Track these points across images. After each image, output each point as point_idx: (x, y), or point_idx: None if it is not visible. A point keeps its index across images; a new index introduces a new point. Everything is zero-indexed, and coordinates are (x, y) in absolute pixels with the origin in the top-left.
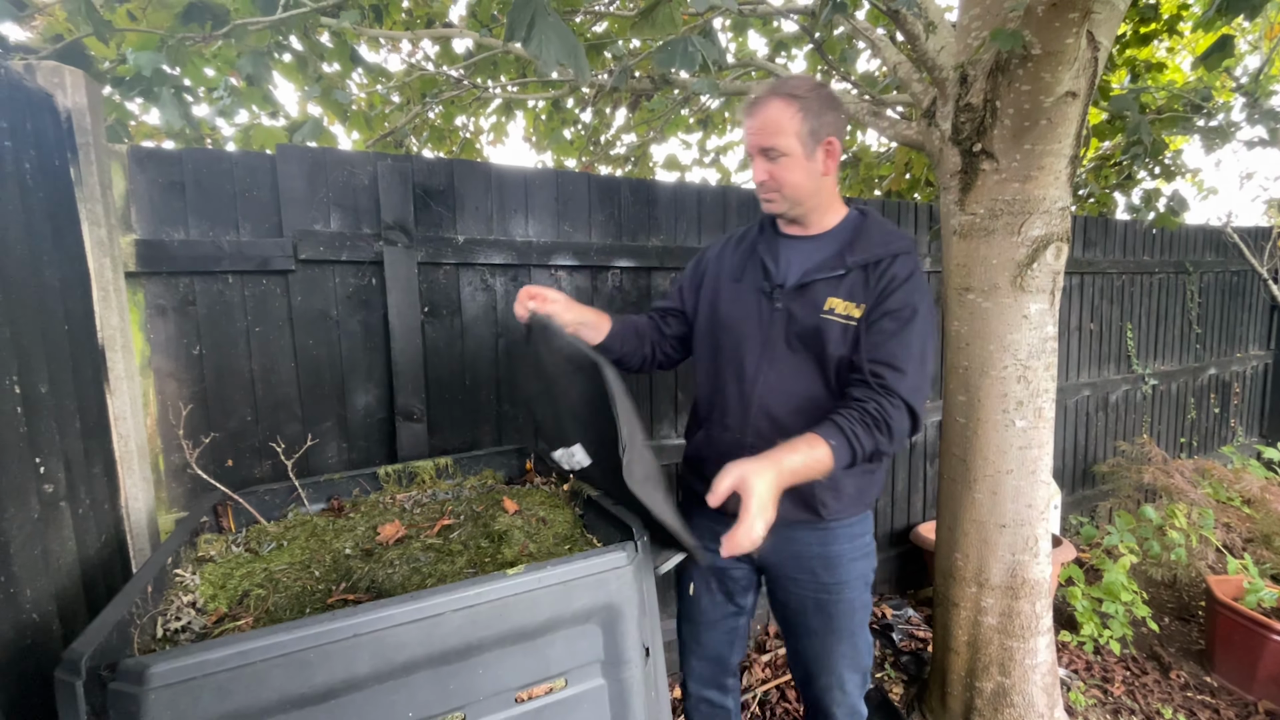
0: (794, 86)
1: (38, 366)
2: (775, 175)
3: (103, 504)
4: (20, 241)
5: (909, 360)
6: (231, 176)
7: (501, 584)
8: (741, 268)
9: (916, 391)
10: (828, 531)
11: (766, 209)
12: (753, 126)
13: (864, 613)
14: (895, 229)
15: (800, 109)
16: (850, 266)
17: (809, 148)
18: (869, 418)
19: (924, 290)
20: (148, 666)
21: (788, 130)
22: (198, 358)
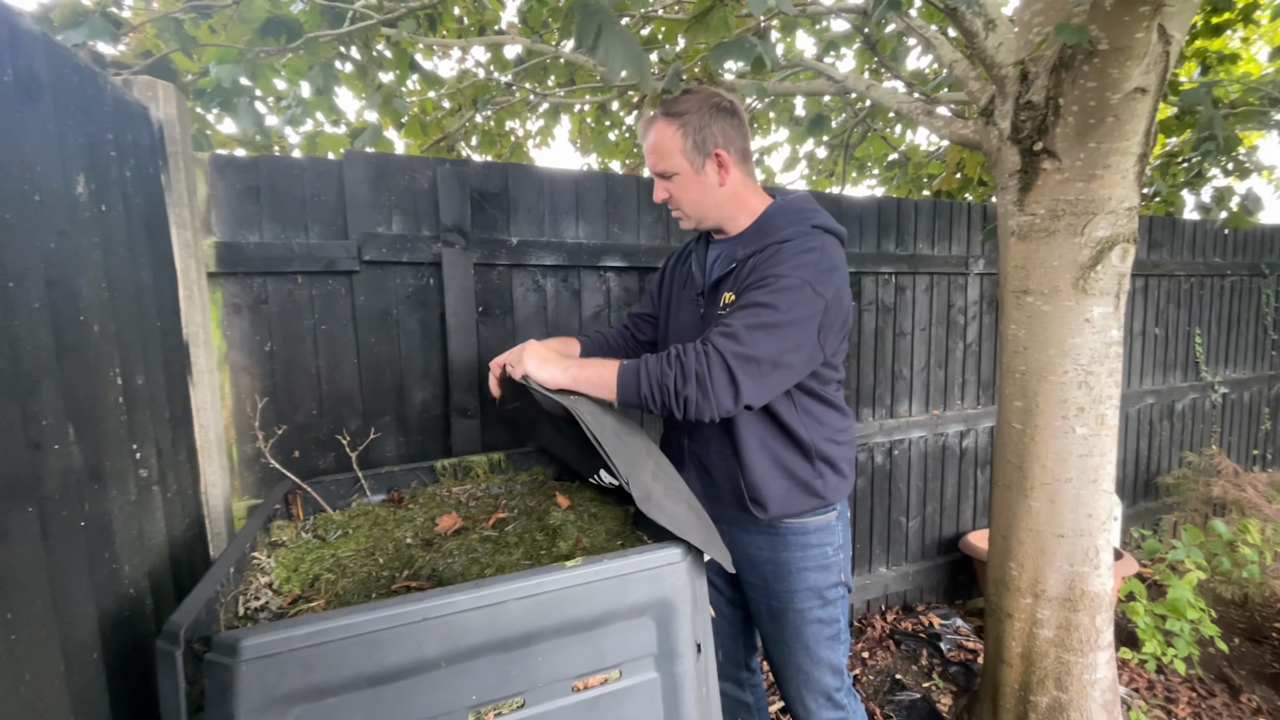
0: (676, 104)
1: (135, 360)
2: (673, 195)
3: (186, 490)
4: (122, 244)
5: (742, 328)
6: (302, 182)
7: (560, 575)
8: (686, 275)
9: (740, 358)
10: (777, 536)
11: (682, 225)
12: (645, 149)
13: (818, 628)
14: (805, 214)
15: (680, 126)
16: (741, 259)
17: (696, 163)
18: (668, 354)
19: (799, 265)
20: (240, 640)
21: (672, 149)
22: (269, 354)
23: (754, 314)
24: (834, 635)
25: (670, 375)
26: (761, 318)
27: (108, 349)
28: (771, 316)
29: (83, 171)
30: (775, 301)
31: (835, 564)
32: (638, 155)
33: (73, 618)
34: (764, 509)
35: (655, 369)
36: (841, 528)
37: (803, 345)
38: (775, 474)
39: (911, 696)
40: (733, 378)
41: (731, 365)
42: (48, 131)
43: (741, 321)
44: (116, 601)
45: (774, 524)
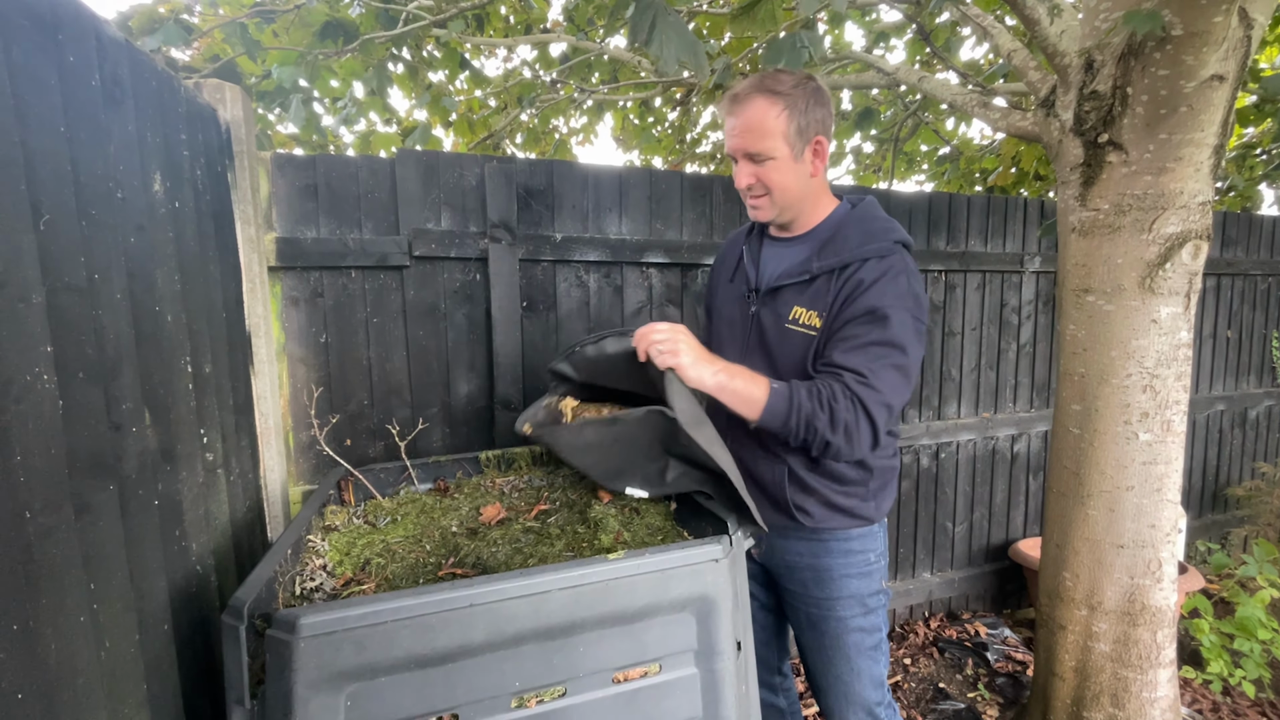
0: (778, 82)
1: (203, 349)
2: (762, 179)
3: (247, 474)
4: (193, 239)
5: (877, 373)
6: (356, 179)
7: (603, 567)
8: (734, 267)
9: (881, 405)
10: (819, 542)
11: (754, 217)
12: (735, 127)
13: (859, 637)
14: (883, 226)
15: (786, 107)
16: (816, 272)
17: (796, 149)
18: (819, 393)
19: (901, 295)
20: (299, 618)
21: (773, 130)
22: (324, 345)
23: (885, 355)
24: (875, 645)
25: (821, 419)
26: (893, 360)
27: (179, 338)
28: (900, 359)
29: (159, 170)
30: (901, 342)
31: (877, 570)
32: (680, 151)
33: (147, 590)
34: (810, 516)
35: (808, 407)
36: (882, 534)
37: (911, 373)
38: (825, 484)
39: (955, 706)
40: (873, 427)
41: (873, 415)
42: (129, 133)
43: (868, 364)
44: (185, 577)
45: (816, 530)
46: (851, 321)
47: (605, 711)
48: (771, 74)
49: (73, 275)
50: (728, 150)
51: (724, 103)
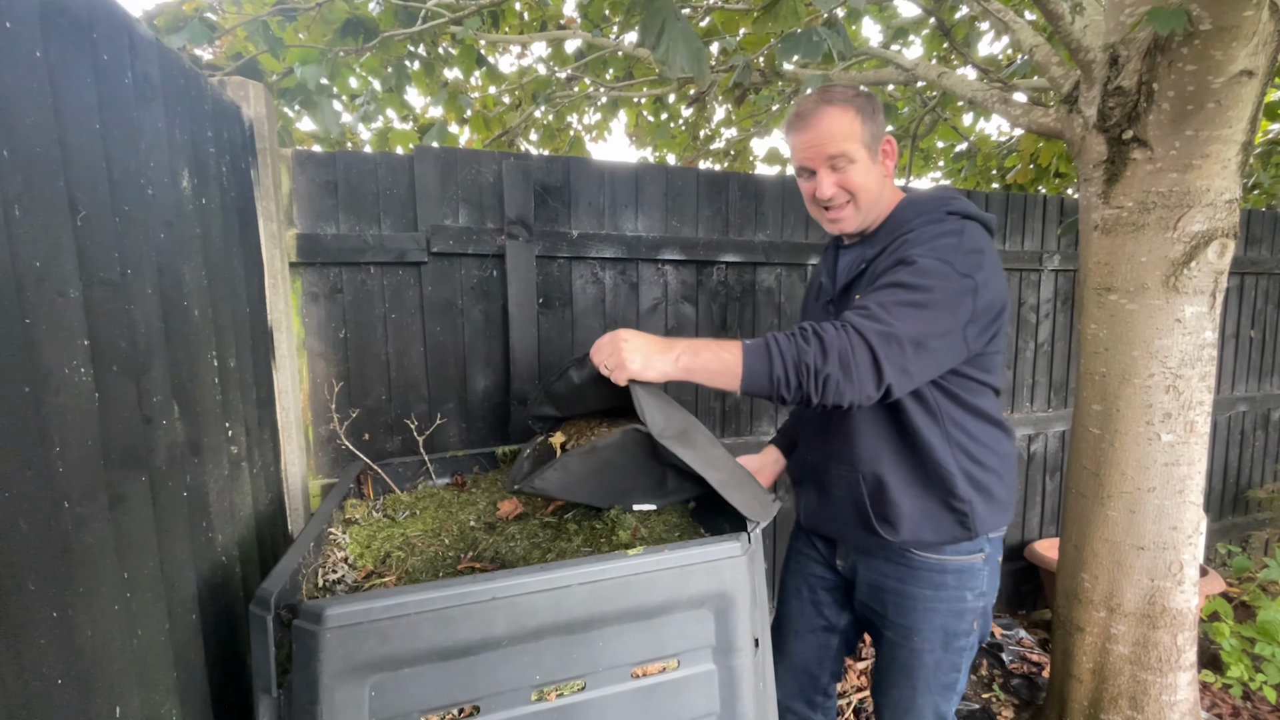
0: (842, 94)
1: (228, 344)
2: (847, 184)
3: (269, 467)
4: (219, 235)
5: (885, 305)
6: (375, 176)
7: (623, 563)
8: (817, 287)
9: (880, 334)
10: (907, 567)
11: (836, 230)
12: (812, 139)
13: (936, 674)
14: (935, 198)
15: (857, 113)
16: (871, 259)
17: (873, 151)
18: (800, 330)
19: (939, 245)
20: (325, 609)
21: (852, 134)
22: (343, 340)
23: (890, 293)
24: (949, 684)
25: (809, 352)
26: (899, 296)
27: (206, 333)
28: (911, 295)
29: (187, 167)
30: (914, 280)
31: (971, 611)
32: (694, 148)
33: (176, 580)
34: (894, 529)
35: (789, 347)
36: (989, 573)
37: (949, 331)
38: (907, 491)
39: (970, 707)
40: (875, 357)
41: (873, 343)
42: (159, 130)
43: (877, 299)
44: (211, 568)
45: (905, 553)
46: (891, 270)
47: (624, 706)
48: (825, 89)
49: (107, 270)
50: (801, 165)
51: (790, 122)
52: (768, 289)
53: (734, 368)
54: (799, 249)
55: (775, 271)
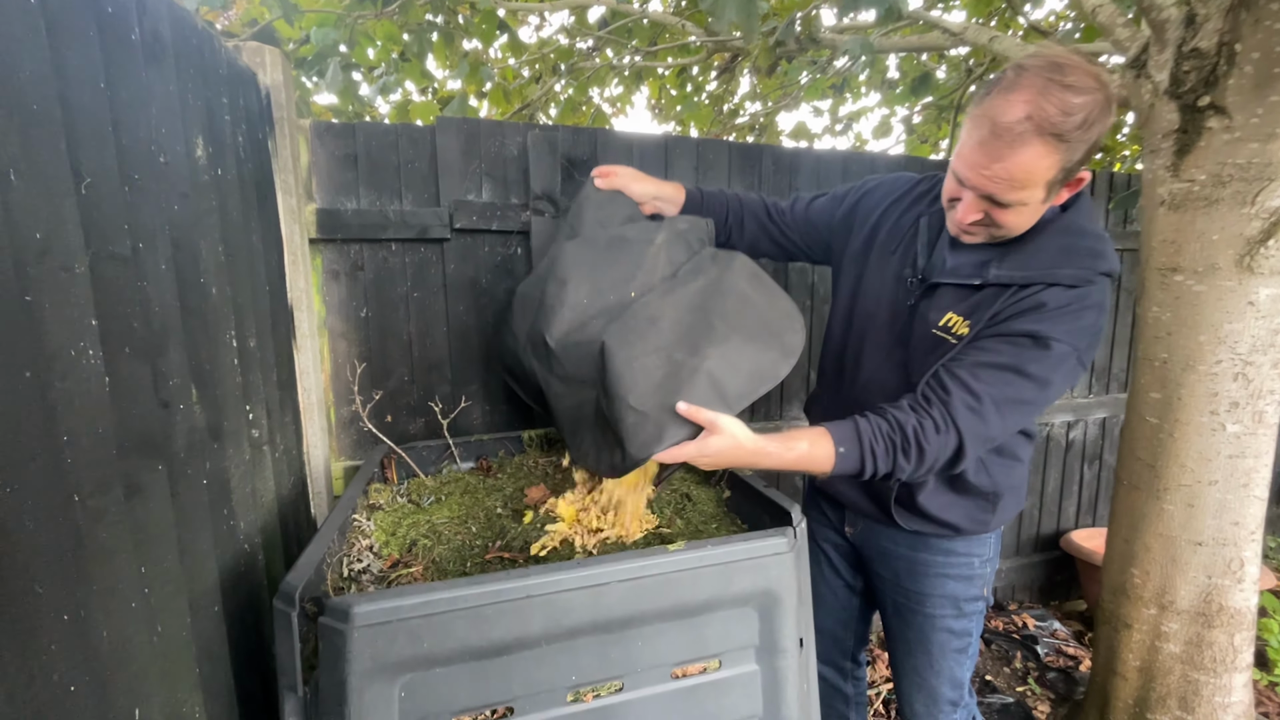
0: (1061, 122)
1: (248, 323)
2: (997, 220)
3: (291, 450)
4: (236, 209)
5: (991, 397)
6: (396, 148)
7: (664, 559)
8: (899, 240)
9: (979, 437)
10: (918, 537)
11: (957, 236)
12: (990, 171)
13: (946, 638)
14: (1091, 245)
15: (1064, 152)
16: (990, 281)
17: (1052, 192)
18: (902, 437)
19: (1077, 331)
20: (353, 606)
21: (1036, 180)
22: (365, 320)
23: (1009, 384)
24: (962, 649)
25: (903, 466)
26: (1018, 392)
27: (224, 311)
28: (1028, 392)
29: (201, 134)
30: (1039, 373)
31: (980, 576)
32: (719, 123)
33: (197, 572)
34: (908, 519)
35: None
36: (994, 539)
37: (1039, 410)
38: (933, 494)
39: (1004, 700)
40: (959, 457)
41: (966, 445)
42: (170, 93)
43: (992, 389)
44: (234, 557)
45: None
46: (1003, 337)
47: (663, 707)
48: (1059, 91)
49: (117, 243)
50: (963, 177)
51: (982, 125)
52: (800, 268)
53: (825, 472)
54: None
55: None
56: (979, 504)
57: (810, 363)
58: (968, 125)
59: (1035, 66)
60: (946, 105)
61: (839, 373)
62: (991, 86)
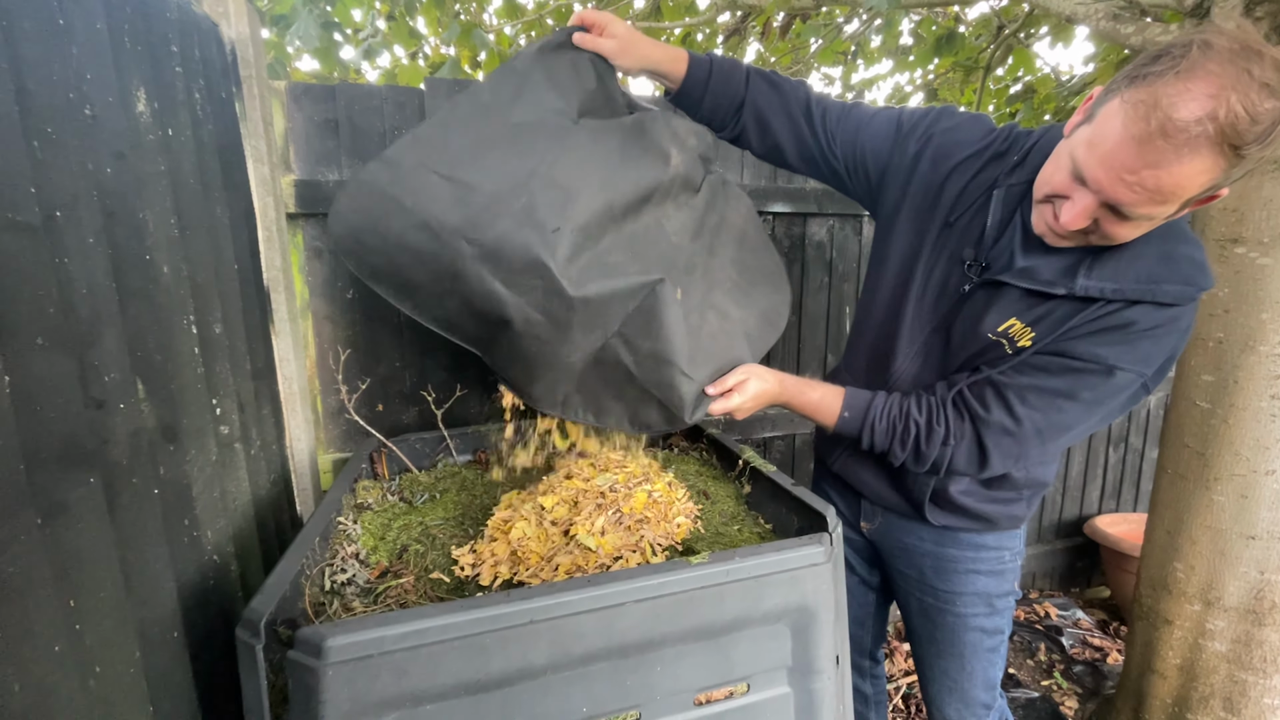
0: (1247, 130)
1: (211, 307)
2: (1107, 232)
3: (271, 445)
4: (193, 175)
5: (1033, 423)
6: (381, 113)
7: (686, 574)
8: (966, 208)
9: (1012, 457)
10: (944, 531)
11: (1040, 234)
12: (1131, 177)
13: (978, 637)
14: (1190, 258)
15: (1230, 168)
16: (1075, 293)
17: (1190, 203)
18: (907, 422)
19: (1153, 358)
20: (325, 639)
21: (1185, 195)
22: (351, 301)
23: (1059, 411)
24: (994, 648)
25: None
26: (1065, 418)
27: (180, 294)
28: (1075, 417)
29: (143, 86)
30: (1093, 399)
31: (1011, 570)
32: None
33: (149, 596)
34: (940, 515)
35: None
36: (1022, 531)
37: (1086, 433)
38: (970, 493)
39: (1029, 695)
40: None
41: (993, 465)
42: (97, 32)
43: (1036, 415)
44: (199, 571)
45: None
46: (1068, 358)
47: None
48: (1252, 89)
49: (21, 210)
50: (1090, 176)
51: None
52: (819, 243)
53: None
54: None
55: (828, 224)
56: (1013, 496)
57: (829, 346)
58: (1118, 109)
59: (1225, 48)
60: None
61: (872, 358)
62: (1162, 61)
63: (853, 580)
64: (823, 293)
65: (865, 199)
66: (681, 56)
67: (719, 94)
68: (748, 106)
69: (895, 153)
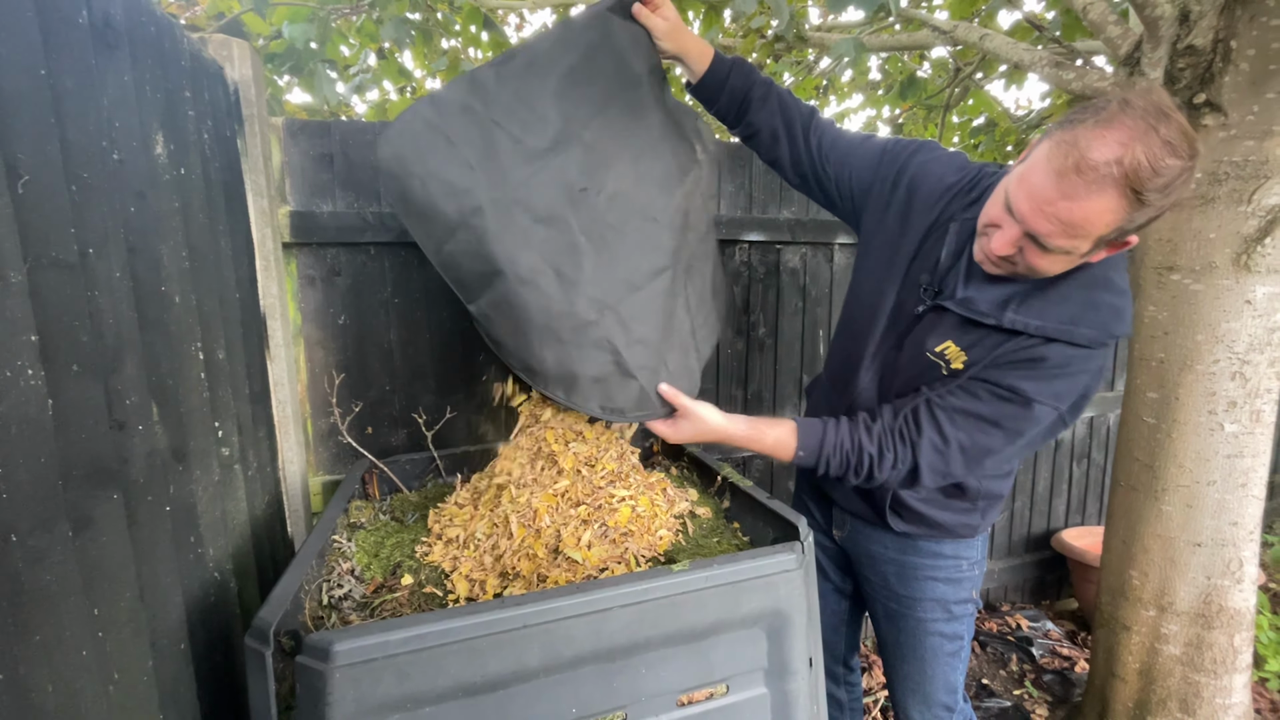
0: (1149, 179)
1: (215, 333)
2: (1030, 262)
3: (265, 467)
4: (202, 210)
5: (959, 443)
6: (374, 148)
7: (669, 581)
8: (930, 235)
9: (938, 474)
10: (907, 539)
11: (979, 261)
12: (1049, 208)
13: (937, 641)
14: (1111, 307)
15: (1133, 211)
16: (1001, 323)
17: (1099, 248)
18: (860, 454)
19: (1065, 395)
20: (333, 643)
21: (1094, 232)
22: (343, 327)
23: (983, 433)
24: (954, 652)
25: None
26: (989, 441)
27: (189, 322)
28: (999, 442)
29: (162, 130)
30: (1015, 428)
31: (969, 579)
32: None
33: (160, 608)
34: (901, 522)
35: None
36: (980, 541)
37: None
38: (929, 502)
39: (1001, 704)
40: (915, 483)
41: (923, 479)
42: (125, 84)
43: (962, 436)
44: (202, 587)
45: (907, 533)
46: (991, 385)
47: None
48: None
49: (61, 249)
50: (1017, 208)
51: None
52: (792, 269)
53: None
54: (826, 227)
55: (800, 251)
56: (968, 506)
57: (804, 367)
58: (1048, 150)
59: (1140, 107)
60: (936, 105)
61: (840, 373)
62: (1088, 112)
63: (826, 588)
64: (797, 317)
65: (850, 218)
66: (709, 52)
67: (734, 93)
68: (755, 112)
69: (877, 179)
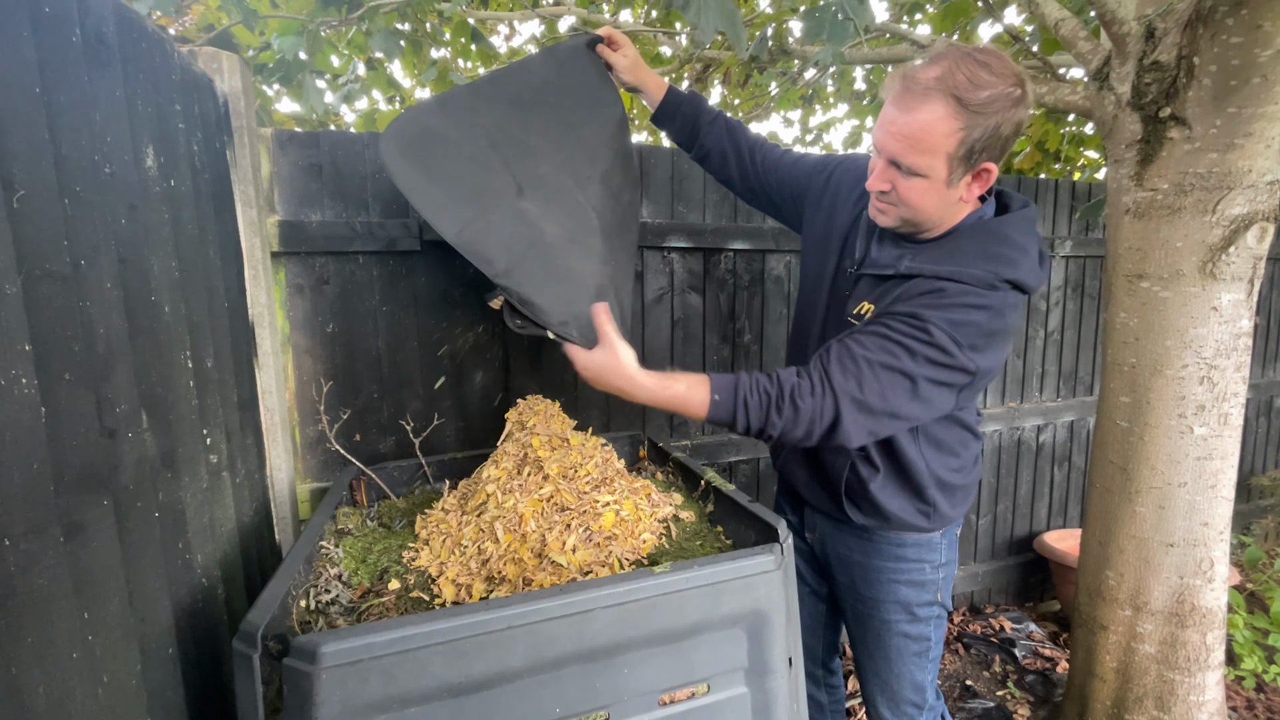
0: (975, 88)
1: (204, 342)
2: (900, 192)
3: (253, 474)
4: (191, 221)
5: (865, 359)
6: (363, 158)
7: (651, 582)
8: (852, 223)
9: (853, 400)
10: (869, 541)
11: (872, 217)
12: (894, 125)
13: (903, 642)
14: (1006, 254)
15: (966, 124)
16: (901, 271)
17: (955, 174)
18: (778, 393)
19: (960, 325)
20: (320, 645)
21: (938, 148)
22: (331, 336)
23: (888, 351)
24: (921, 652)
25: (775, 424)
26: (895, 360)
27: (178, 331)
28: (906, 363)
29: (152, 143)
30: (919, 351)
31: (931, 582)
32: None
33: (149, 613)
34: (858, 512)
35: (756, 418)
36: (946, 545)
37: (932, 403)
38: (881, 484)
39: (985, 705)
40: (838, 421)
41: (842, 411)
42: (116, 99)
43: (869, 353)
44: (190, 593)
45: (866, 528)
46: (890, 314)
47: None
48: (973, 65)
49: (54, 261)
50: (875, 140)
51: (895, 82)
52: (777, 277)
53: (699, 416)
54: None
55: (785, 259)
56: (920, 496)
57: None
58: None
59: (967, 49)
60: None
61: (795, 361)
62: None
63: (804, 590)
64: (781, 323)
65: (795, 223)
66: (664, 86)
67: (686, 119)
68: (705, 135)
69: (811, 186)
